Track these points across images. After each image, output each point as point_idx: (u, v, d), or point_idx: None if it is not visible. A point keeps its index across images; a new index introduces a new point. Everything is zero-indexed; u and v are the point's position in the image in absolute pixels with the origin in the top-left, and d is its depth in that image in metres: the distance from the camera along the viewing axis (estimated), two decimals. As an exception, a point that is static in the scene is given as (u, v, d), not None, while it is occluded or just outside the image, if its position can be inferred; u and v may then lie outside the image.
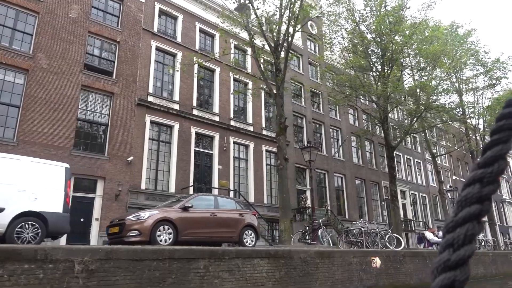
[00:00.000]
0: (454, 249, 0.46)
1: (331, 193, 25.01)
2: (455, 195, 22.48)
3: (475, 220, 0.47)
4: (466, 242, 0.46)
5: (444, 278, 0.45)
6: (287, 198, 10.86)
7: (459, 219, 0.47)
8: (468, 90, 27.76)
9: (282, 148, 11.51)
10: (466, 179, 0.50)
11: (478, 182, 0.48)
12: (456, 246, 0.46)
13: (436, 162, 24.23)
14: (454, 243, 0.46)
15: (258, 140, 21.32)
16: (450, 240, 0.47)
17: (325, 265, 8.32)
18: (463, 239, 0.46)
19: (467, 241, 0.46)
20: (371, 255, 9.62)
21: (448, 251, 0.46)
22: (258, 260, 6.95)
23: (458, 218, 0.47)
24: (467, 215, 0.47)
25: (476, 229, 0.47)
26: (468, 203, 0.47)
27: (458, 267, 0.45)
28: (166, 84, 18.35)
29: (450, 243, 0.47)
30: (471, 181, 0.49)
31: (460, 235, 0.46)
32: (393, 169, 16.52)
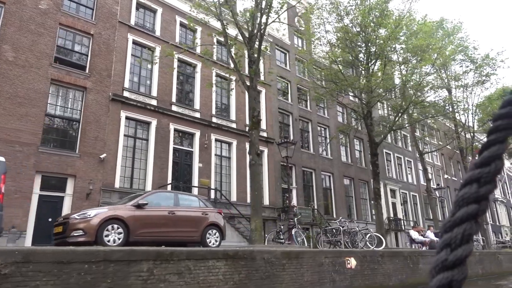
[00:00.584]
0: (452, 249, 0.46)
1: (318, 192, 24.48)
2: (443, 193, 22.00)
3: (472, 220, 0.47)
4: (464, 242, 0.46)
5: (442, 278, 0.45)
6: (259, 196, 10.30)
7: (456, 219, 0.47)
8: (458, 87, 27.36)
9: (254, 143, 10.94)
10: (463, 179, 0.49)
11: (475, 182, 0.48)
12: (453, 246, 0.46)
13: (423, 159, 23.78)
14: (451, 243, 0.46)
15: (242, 138, 20.72)
16: (447, 240, 0.47)
17: (293, 266, 7.75)
18: (460, 239, 0.46)
19: (464, 241, 0.46)
20: (345, 255, 9.07)
21: (446, 251, 0.46)
22: (213, 262, 6.37)
23: (456, 218, 0.47)
24: (464, 215, 0.47)
25: (473, 229, 0.47)
26: (465, 203, 0.47)
27: (455, 267, 0.45)
28: (143, 79, 17.73)
29: (447, 243, 0.47)
30: (468, 181, 0.49)
31: (457, 235, 0.46)
32: (376, 166, 16.00)
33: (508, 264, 18.30)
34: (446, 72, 27.31)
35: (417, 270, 11.58)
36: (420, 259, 11.91)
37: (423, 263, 12.03)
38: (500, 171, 0.48)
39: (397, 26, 15.29)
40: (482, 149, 0.50)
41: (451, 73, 26.88)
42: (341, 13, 17.38)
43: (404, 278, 10.81)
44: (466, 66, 26.89)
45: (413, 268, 11.41)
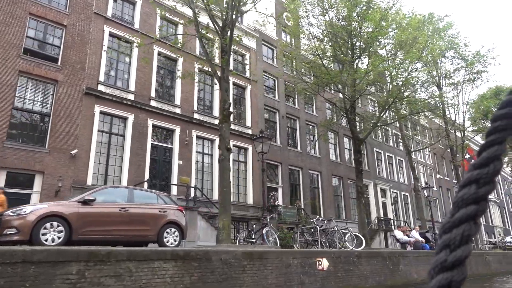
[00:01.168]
0: (451, 249, 0.46)
1: (305, 191, 23.93)
2: (431, 193, 21.52)
3: (471, 220, 0.47)
4: (463, 243, 0.46)
5: (441, 279, 0.45)
6: (228, 193, 9.73)
7: (455, 220, 0.47)
8: (449, 85, 26.91)
9: (224, 137, 10.36)
10: (462, 180, 0.50)
11: (474, 183, 0.48)
12: (452, 247, 0.46)
13: (411, 157, 23.27)
14: (450, 243, 0.46)
15: (225, 135, 20.11)
16: (446, 240, 0.47)
17: (255, 267, 7.18)
18: (459, 240, 0.46)
19: (463, 241, 0.46)
20: (316, 256, 8.50)
21: (445, 251, 0.47)
22: (160, 263, 5.78)
23: (455, 219, 0.47)
24: (463, 216, 0.47)
25: (472, 230, 0.47)
26: (464, 204, 0.47)
27: (455, 268, 0.45)
28: (120, 73, 17.09)
29: (446, 244, 0.47)
30: (467, 182, 0.49)
31: (456, 236, 0.46)
32: (359, 164, 15.45)
33: (496, 265, 17.83)
34: (437, 70, 26.86)
35: (397, 271, 11.05)
36: (401, 259, 11.37)
37: (404, 264, 11.50)
38: (499, 172, 0.48)
39: (383, 19, 14.77)
40: (481, 150, 0.50)
41: (442, 70, 26.41)
42: (325, 6, 16.84)
43: (383, 280, 10.27)
44: (457, 64, 26.46)
45: (393, 269, 10.87)
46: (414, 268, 11.83)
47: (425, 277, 12.21)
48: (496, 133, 0.49)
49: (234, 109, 21.83)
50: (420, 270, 12.10)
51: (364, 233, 13.76)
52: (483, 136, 16.73)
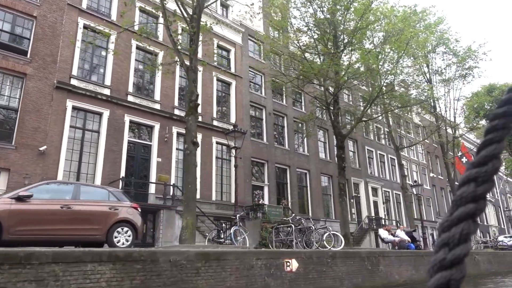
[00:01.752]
0: (450, 248, 0.46)
1: (293, 190, 23.35)
2: (420, 191, 20.97)
3: (470, 219, 0.47)
4: (462, 241, 0.46)
5: (440, 277, 0.45)
6: (193, 190, 9.12)
7: (454, 218, 0.48)
8: (440, 81, 26.39)
9: (190, 130, 9.75)
10: (460, 178, 0.50)
11: (473, 181, 0.48)
12: (451, 245, 0.46)
13: (399, 155, 22.70)
14: (449, 242, 0.47)
15: (208, 132, 19.54)
16: (445, 239, 0.47)
17: (211, 270, 6.58)
18: (458, 238, 0.46)
19: (462, 240, 0.46)
20: (284, 256, 7.90)
21: (444, 250, 0.47)
22: (94, 266, 5.18)
23: (454, 217, 0.48)
24: (462, 214, 0.47)
25: (471, 228, 0.47)
26: (463, 203, 0.48)
27: (454, 266, 0.46)
28: (96, 67, 16.46)
29: (445, 242, 0.47)
30: (466, 181, 0.49)
31: (455, 234, 0.47)
32: (342, 160, 14.85)
33: (486, 265, 17.29)
34: (428, 66, 26.35)
35: (376, 272, 10.46)
36: (381, 260, 10.78)
37: (384, 264, 10.91)
38: (497, 171, 0.48)
39: (367, 9, 14.19)
40: (479, 148, 0.50)
41: (433, 66, 25.90)
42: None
43: (360, 282, 9.68)
44: (448, 59, 25.96)
45: (372, 270, 10.28)
46: (395, 269, 11.26)
47: (407, 278, 11.64)
48: (494, 131, 0.49)
49: (218, 105, 21.26)
50: (402, 270, 11.53)
51: (346, 232, 13.17)
52: (476, 134, 16.11)
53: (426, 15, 24.97)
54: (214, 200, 18.79)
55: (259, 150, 22.08)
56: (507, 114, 0.49)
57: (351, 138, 30.04)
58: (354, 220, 27.17)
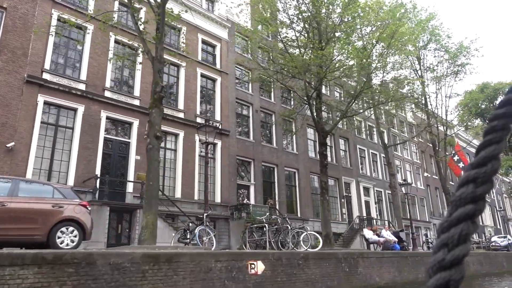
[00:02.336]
0: (449, 249, 0.47)
1: (281, 189, 22.77)
2: (409, 190, 20.43)
3: (469, 220, 0.47)
4: (461, 242, 0.46)
5: (439, 278, 0.45)
6: (155, 187, 8.53)
7: (453, 219, 0.48)
8: (432, 78, 25.87)
9: (154, 124, 9.17)
10: (460, 179, 0.50)
11: (472, 182, 0.48)
12: (451, 246, 0.47)
13: (387, 152, 22.14)
14: (448, 243, 0.47)
15: (190, 129, 18.93)
16: (444, 240, 0.47)
17: (161, 273, 6.00)
18: (457, 239, 0.46)
19: (461, 240, 0.46)
20: (248, 258, 7.32)
21: (443, 251, 0.47)
22: (14, 270, 4.59)
23: (453, 218, 0.48)
24: (461, 215, 0.47)
25: (470, 229, 0.47)
26: (462, 203, 0.48)
27: (453, 267, 0.46)
28: (71, 61, 15.86)
29: (445, 243, 0.47)
30: (465, 182, 0.49)
31: (454, 235, 0.47)
32: (324, 157, 14.28)
33: (476, 266, 16.73)
34: (420, 63, 25.84)
35: (354, 274, 9.89)
36: (360, 261, 10.21)
37: (364, 266, 10.34)
38: (496, 172, 0.48)
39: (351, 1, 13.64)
40: (479, 149, 0.50)
41: (425, 63, 25.38)
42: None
43: (336, 285, 9.10)
44: (440, 56, 25.45)
45: (350, 273, 9.71)
46: (376, 271, 10.69)
47: (389, 280, 11.07)
48: (493, 132, 0.49)
49: (203, 102, 20.68)
50: (384, 272, 10.96)
51: (327, 232, 12.59)
52: (472, 133, 15.44)
53: (418, 11, 24.50)
54: (196, 199, 18.20)
55: (245, 148, 21.50)
56: (506, 115, 0.49)
57: (342, 137, 29.52)
58: (345, 220, 26.63)
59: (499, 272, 17.94)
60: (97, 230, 11.14)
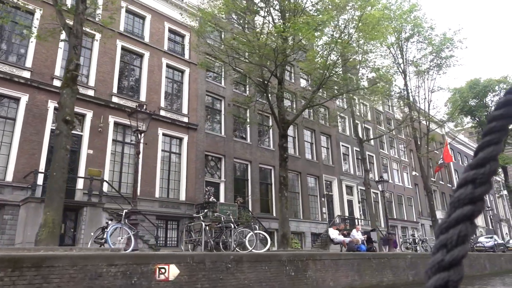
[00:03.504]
0: (448, 249, 0.47)
1: (254, 187, 21.61)
2: (385, 187, 19.32)
3: (467, 221, 0.48)
4: (460, 243, 0.47)
5: (438, 279, 0.46)
6: (58, 179, 7.36)
7: (452, 220, 0.48)
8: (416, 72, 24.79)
9: (64, 106, 8.01)
10: (458, 180, 0.50)
11: (471, 183, 0.49)
12: (449, 247, 0.47)
13: (363, 147, 20.99)
14: (447, 243, 0.47)
15: (153, 122, 17.67)
16: (443, 241, 0.47)
17: (24, 280, 4.84)
18: (456, 240, 0.47)
19: (460, 241, 0.47)
20: (157, 261, 6.16)
21: (442, 251, 0.47)
22: None
23: (451, 219, 0.48)
24: (460, 216, 0.48)
25: (469, 230, 0.48)
26: (461, 204, 0.48)
27: (452, 268, 0.46)
28: (15, 47, 14.67)
29: (443, 244, 0.47)
30: (464, 182, 0.49)
31: (453, 236, 0.47)
32: (284, 150, 13.13)
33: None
34: (403, 57, 24.75)
35: (302, 279, 8.74)
36: (310, 264, 9.06)
37: (315, 269, 9.19)
38: (495, 173, 0.49)
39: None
40: (477, 150, 0.50)
41: (407, 56, 24.30)
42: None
43: (276, 291, 7.95)
44: (423, 49, 24.38)
45: (296, 277, 8.56)
46: (330, 275, 9.55)
47: (346, 284, 9.93)
48: (492, 133, 0.49)
49: (168, 94, 19.51)
50: (340, 276, 9.82)
51: (284, 232, 11.44)
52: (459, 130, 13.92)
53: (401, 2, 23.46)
54: (157, 197, 17.02)
55: (215, 143, 20.35)
56: (504, 116, 0.49)
57: (324, 133, 28.41)
58: (325, 220, 25.51)
59: (480, 275, 16.84)
60: (34, 230, 9.95)
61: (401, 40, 24.11)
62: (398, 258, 12.43)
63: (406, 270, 12.53)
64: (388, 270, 11.63)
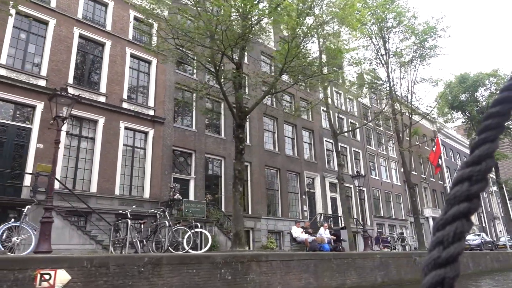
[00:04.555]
0: (444, 246, 0.47)
1: (228, 184, 20.52)
2: (361, 183, 18.31)
3: (464, 218, 0.48)
4: (456, 240, 0.47)
5: (434, 275, 0.46)
6: None
7: (448, 217, 0.48)
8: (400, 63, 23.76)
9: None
10: (454, 177, 0.51)
11: (467, 180, 0.49)
12: (446, 244, 0.47)
13: (337, 140, 19.89)
14: (444, 240, 0.47)
15: (114, 115, 16.71)
16: (440, 237, 0.48)
17: None
18: (452, 237, 0.47)
19: (456, 238, 0.47)
20: (38, 265, 5.12)
21: (438, 248, 0.48)
22: None
23: (448, 216, 0.49)
24: (456, 213, 0.48)
25: (465, 227, 0.48)
26: (457, 201, 0.49)
27: (448, 264, 0.46)
28: (-46, 32, 13.58)
29: (440, 241, 0.48)
30: (460, 180, 0.50)
31: (449, 233, 0.48)
32: (240, 141, 12.06)
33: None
34: (386, 48, 23.73)
35: (242, 283, 7.70)
36: (253, 266, 8.01)
37: (260, 272, 8.15)
38: (491, 170, 0.49)
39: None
40: (473, 147, 0.50)
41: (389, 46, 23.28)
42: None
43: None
44: (407, 39, 23.36)
45: (234, 281, 7.51)
46: (279, 278, 8.51)
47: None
48: (488, 131, 0.50)
49: (133, 86, 18.44)
50: (292, 279, 8.78)
51: (237, 230, 10.39)
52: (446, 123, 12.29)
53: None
54: (117, 194, 15.95)
55: (184, 138, 19.30)
56: (500, 113, 0.50)
57: (306, 128, 27.37)
58: (306, 218, 24.47)
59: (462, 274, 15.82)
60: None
61: (383, 30, 23.11)
62: (366, 258, 11.39)
63: (374, 270, 11.50)
64: (352, 271, 10.59)
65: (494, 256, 21.38)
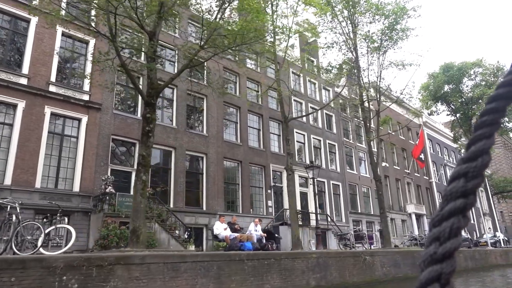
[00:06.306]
0: (441, 242, 0.48)
1: (178, 177, 18.84)
2: (316, 174, 16.62)
3: (460, 214, 0.49)
4: (452, 236, 0.48)
5: (431, 271, 0.47)
6: None
7: (444, 213, 0.49)
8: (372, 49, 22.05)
9: None
10: (451, 174, 0.51)
11: (463, 176, 0.49)
12: (442, 240, 0.48)
13: (287, 126, 17.98)
14: (440, 236, 0.48)
15: (38, 99, 14.95)
16: (436, 233, 0.48)
17: None
18: (449, 233, 0.48)
19: (453, 234, 0.48)
20: None
21: (435, 244, 0.48)
22: None
23: (444, 212, 0.49)
24: (452, 209, 0.49)
25: (461, 223, 0.48)
26: (453, 198, 0.49)
27: (444, 260, 0.47)
28: None
29: (436, 237, 0.48)
30: (456, 176, 0.50)
31: (446, 228, 0.48)
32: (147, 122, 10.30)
33: (389, 268, 12.97)
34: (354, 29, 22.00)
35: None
36: (117, 271, 6.29)
37: (127, 278, 6.42)
38: (487, 166, 0.50)
39: None
40: (469, 144, 0.51)
41: (357, 29, 21.56)
42: None
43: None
44: (377, 20, 21.66)
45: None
46: (161, 284, 6.79)
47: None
48: (484, 127, 0.50)
49: (65, 68, 16.66)
50: (180, 286, 7.05)
51: (135, 226, 8.67)
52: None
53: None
54: (38, 187, 14.19)
55: (126, 126, 17.55)
56: (496, 110, 0.50)
57: (274, 119, 25.63)
58: (271, 214, 22.81)
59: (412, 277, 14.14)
60: None
61: (350, 11, 21.39)
62: (296, 258, 9.68)
63: (307, 273, 9.81)
64: (274, 274, 8.90)
65: (469, 254, 19.80)
